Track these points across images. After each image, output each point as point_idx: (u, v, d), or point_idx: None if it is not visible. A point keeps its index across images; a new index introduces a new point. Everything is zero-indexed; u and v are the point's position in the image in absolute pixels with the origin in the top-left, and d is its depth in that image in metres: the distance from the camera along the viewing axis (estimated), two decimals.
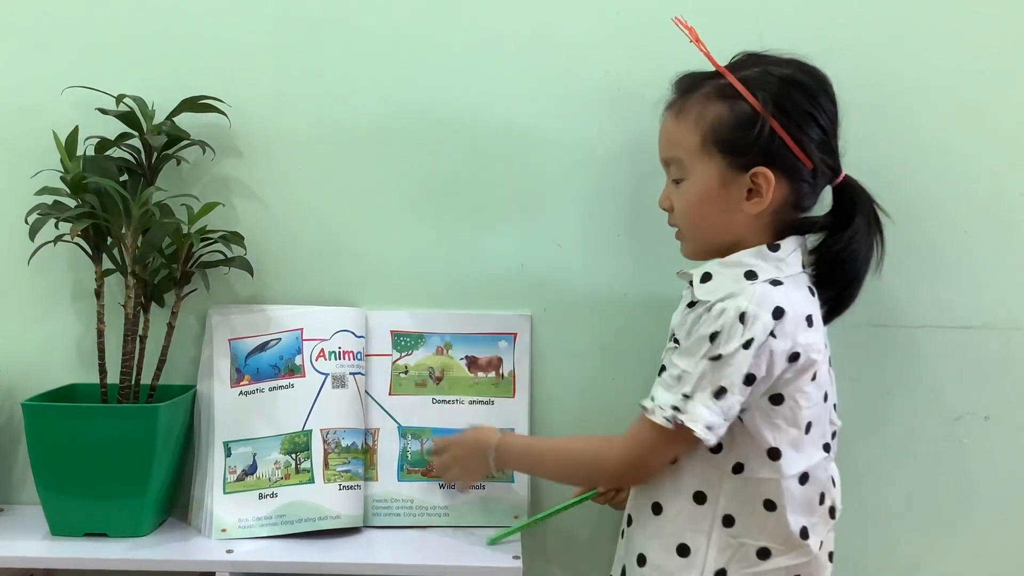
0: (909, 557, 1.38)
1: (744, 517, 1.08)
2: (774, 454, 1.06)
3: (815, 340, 1.07)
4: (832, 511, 1.13)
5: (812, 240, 1.16)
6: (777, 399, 1.06)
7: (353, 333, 1.36)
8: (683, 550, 1.09)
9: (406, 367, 1.37)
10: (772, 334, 1.03)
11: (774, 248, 1.10)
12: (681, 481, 1.10)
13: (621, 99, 1.35)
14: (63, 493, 1.24)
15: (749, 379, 1.03)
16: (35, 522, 1.27)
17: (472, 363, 1.37)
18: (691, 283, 1.13)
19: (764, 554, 1.08)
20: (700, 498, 1.09)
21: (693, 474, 1.09)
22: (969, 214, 1.35)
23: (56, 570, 1.34)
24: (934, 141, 1.34)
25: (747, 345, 1.03)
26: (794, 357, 1.05)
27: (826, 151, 1.11)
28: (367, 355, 1.37)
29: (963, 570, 1.38)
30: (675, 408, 1.05)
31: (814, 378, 1.07)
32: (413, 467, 1.35)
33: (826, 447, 1.11)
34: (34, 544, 1.24)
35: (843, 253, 1.12)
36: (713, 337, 1.04)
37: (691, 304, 1.12)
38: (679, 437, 1.05)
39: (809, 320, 1.07)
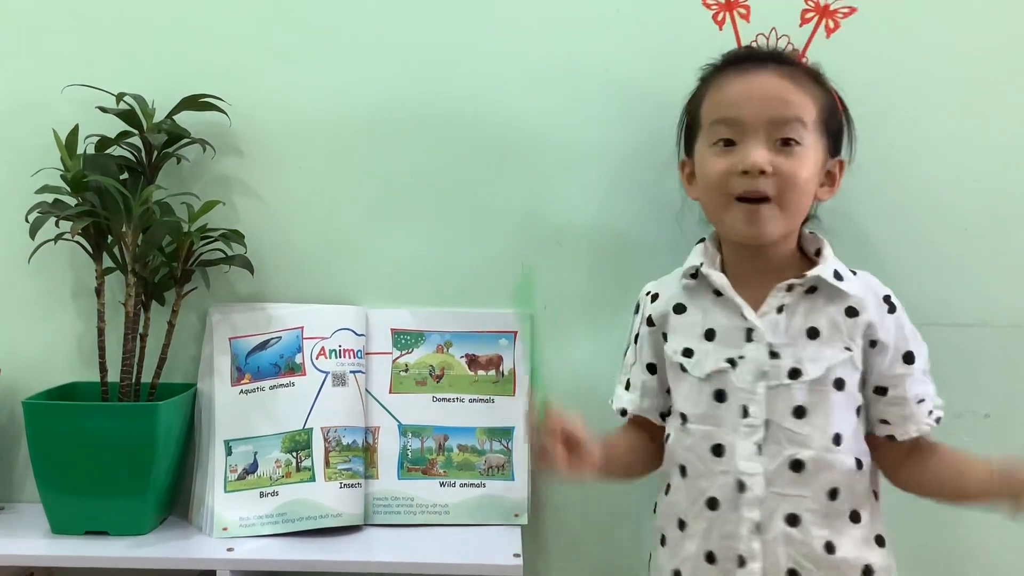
0: (908, 555, 1.38)
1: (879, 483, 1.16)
2: None
3: None
4: None
5: None
6: None
7: (353, 331, 1.36)
8: (880, 540, 1.13)
9: (406, 365, 1.37)
10: None
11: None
12: (867, 482, 1.12)
13: (622, 98, 1.35)
14: (64, 491, 1.25)
15: None
16: (36, 520, 1.28)
17: (472, 361, 1.37)
18: (789, 288, 1.09)
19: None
20: (874, 488, 1.14)
21: (871, 471, 1.13)
22: (969, 212, 1.35)
23: (57, 568, 1.34)
24: (934, 140, 1.34)
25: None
26: None
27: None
28: (367, 353, 1.37)
29: (964, 568, 1.38)
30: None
31: None
32: (413, 465, 1.35)
33: None
34: (35, 542, 1.24)
35: None
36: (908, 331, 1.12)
37: (781, 310, 1.09)
38: None
39: None
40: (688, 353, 1.13)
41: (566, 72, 1.35)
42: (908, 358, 1.10)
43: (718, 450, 1.10)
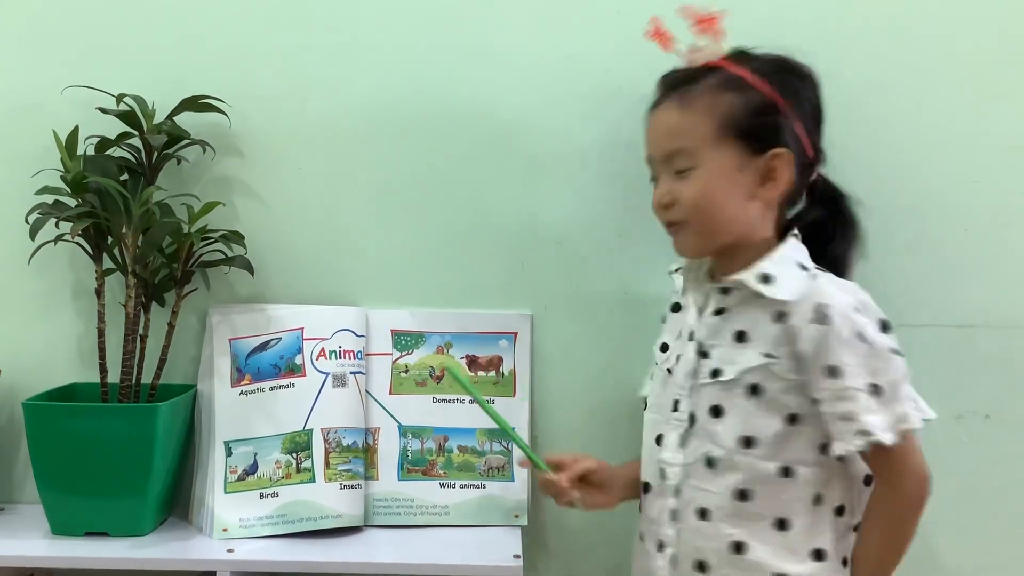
0: (909, 555, 1.38)
1: (851, 501, 1.11)
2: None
3: None
4: None
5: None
6: None
7: (353, 332, 1.36)
8: (819, 555, 1.08)
9: (406, 366, 1.37)
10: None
11: (796, 238, 1.13)
12: (803, 492, 1.09)
13: (622, 98, 1.34)
14: (64, 492, 1.25)
15: None
16: (36, 521, 1.28)
17: (472, 362, 1.37)
18: (724, 291, 1.12)
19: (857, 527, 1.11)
20: (818, 500, 1.09)
21: (808, 482, 1.08)
22: (969, 213, 1.35)
23: (57, 569, 1.34)
24: (934, 140, 1.34)
25: (884, 327, 1.06)
26: None
27: (819, 142, 1.14)
28: (367, 354, 1.37)
29: (964, 568, 1.38)
30: (908, 416, 1.04)
31: None
32: (413, 466, 1.35)
33: None
34: (35, 543, 1.24)
35: (825, 252, 1.14)
36: (861, 337, 1.03)
37: (718, 311, 1.12)
38: (916, 435, 1.06)
39: None
40: (664, 348, 1.20)
41: (567, 71, 1.35)
42: (833, 372, 1.03)
43: (659, 440, 1.16)
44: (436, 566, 1.20)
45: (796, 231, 1.13)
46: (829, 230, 1.15)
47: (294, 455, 1.31)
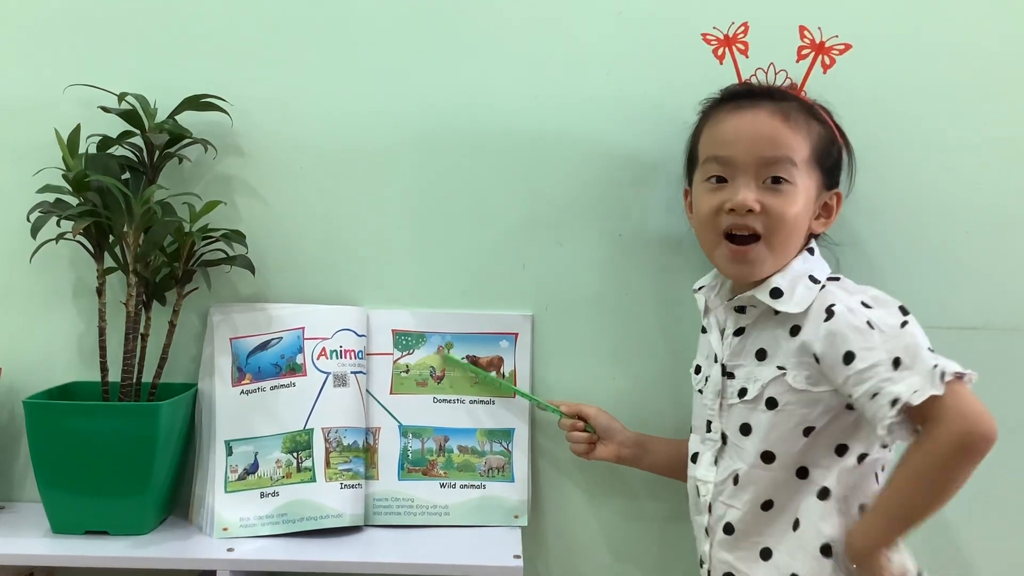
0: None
1: (858, 494, 1.09)
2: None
3: None
4: None
5: None
6: None
7: (354, 332, 1.36)
8: (826, 550, 1.08)
9: (407, 366, 1.37)
10: None
11: (811, 251, 1.14)
12: (813, 488, 1.09)
13: (623, 99, 1.35)
14: (64, 491, 1.25)
15: None
16: (36, 520, 1.28)
17: (473, 362, 1.37)
18: (739, 310, 1.13)
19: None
20: (823, 495, 1.09)
21: (816, 479, 1.09)
22: (970, 214, 1.35)
23: (57, 568, 1.34)
24: (935, 142, 1.34)
25: (904, 311, 1.06)
26: None
27: None
28: (368, 354, 1.37)
29: (964, 570, 1.38)
30: (935, 366, 0.99)
31: None
32: (414, 466, 1.35)
33: None
34: (35, 542, 1.24)
35: None
36: (871, 324, 1.03)
37: (738, 332, 1.14)
38: (959, 385, 1.00)
39: None
40: (698, 370, 1.22)
41: (568, 73, 1.35)
42: (848, 358, 1.02)
43: (695, 457, 1.19)
44: (436, 566, 1.20)
45: (812, 244, 1.15)
46: None
47: (295, 454, 1.31)
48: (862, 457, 1.09)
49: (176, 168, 1.35)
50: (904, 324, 1.04)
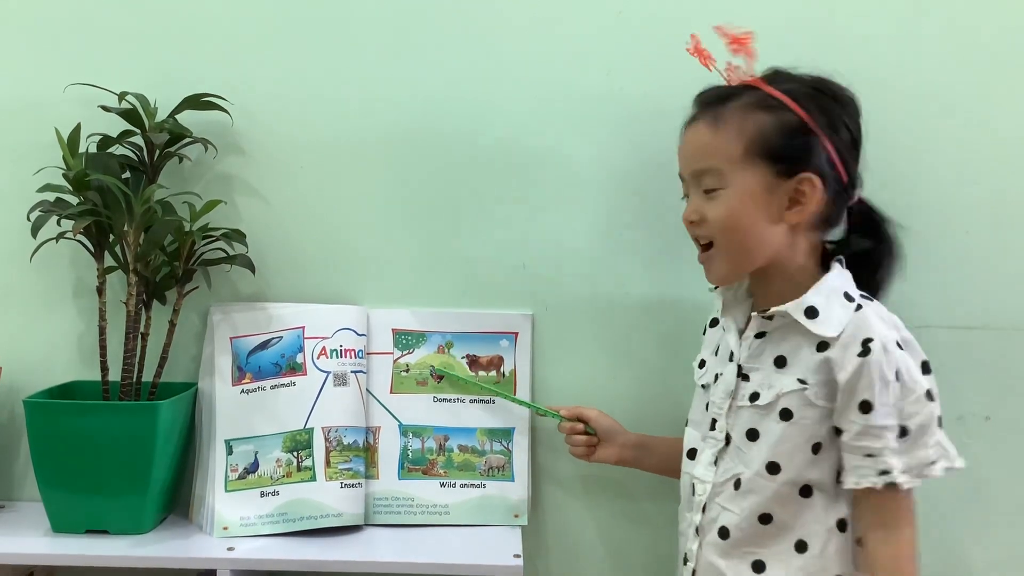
0: None
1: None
2: None
3: None
4: None
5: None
6: None
7: (355, 331, 1.36)
8: None
9: (407, 365, 1.37)
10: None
11: (842, 264, 1.12)
12: (823, 514, 1.08)
13: (623, 99, 1.35)
14: (64, 490, 1.25)
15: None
16: (36, 519, 1.28)
17: (473, 362, 1.38)
18: (767, 317, 1.11)
19: None
20: (842, 526, 1.08)
21: (828, 506, 1.08)
22: (970, 214, 1.35)
23: (57, 567, 1.34)
24: (934, 141, 1.34)
25: (926, 369, 1.05)
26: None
27: (855, 167, 1.13)
28: (368, 353, 1.37)
29: (965, 570, 1.38)
30: (931, 463, 1.03)
31: None
32: (414, 465, 1.35)
33: None
34: (35, 541, 1.24)
35: (871, 280, 1.14)
36: (899, 376, 1.03)
37: (759, 335, 1.12)
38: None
39: None
40: (702, 364, 1.21)
41: (568, 72, 1.35)
42: (865, 407, 1.03)
43: (692, 453, 1.18)
44: (436, 565, 1.20)
45: (841, 257, 1.12)
46: (874, 259, 1.14)
47: (295, 454, 1.31)
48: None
49: (176, 167, 1.35)
50: (928, 395, 1.04)
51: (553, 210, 1.37)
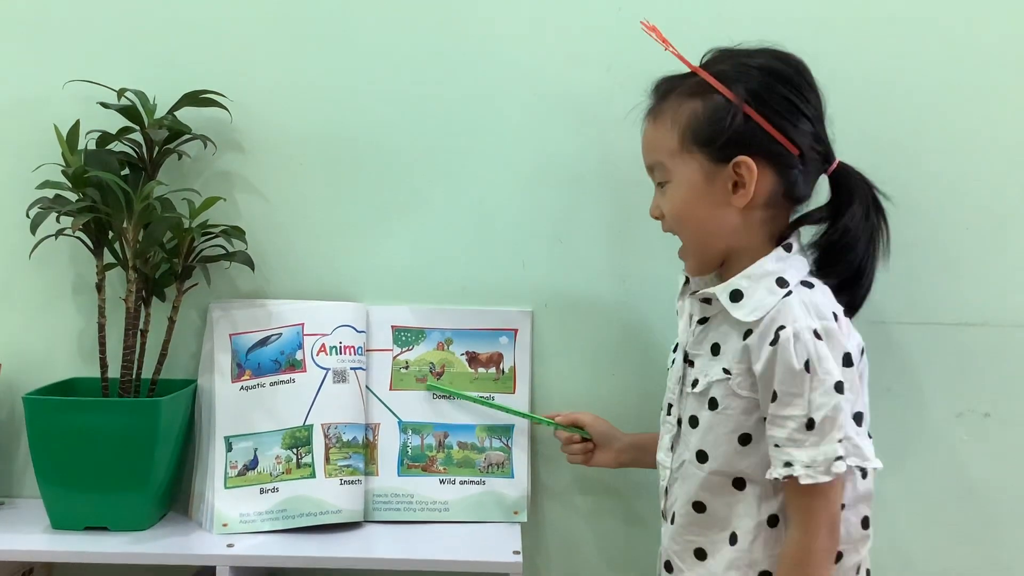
0: (910, 554, 1.38)
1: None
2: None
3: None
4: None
5: (813, 232, 1.12)
6: None
7: (354, 328, 1.36)
8: None
9: (407, 362, 1.37)
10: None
11: (788, 248, 1.07)
12: (755, 508, 1.06)
13: (624, 95, 1.34)
14: (64, 487, 1.25)
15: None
16: (36, 515, 1.28)
17: (473, 359, 1.38)
18: (706, 300, 1.09)
19: (838, 557, 1.05)
20: (773, 521, 1.05)
21: (758, 498, 1.06)
22: (970, 211, 1.35)
23: (57, 564, 1.34)
24: (935, 139, 1.34)
25: (847, 361, 1.02)
26: (862, 352, 1.07)
27: (814, 137, 1.07)
28: (368, 350, 1.37)
29: (964, 566, 1.38)
30: (838, 458, 0.98)
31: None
32: (413, 462, 1.36)
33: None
34: (35, 537, 1.24)
35: (839, 243, 1.08)
36: (809, 366, 0.99)
37: (702, 320, 1.11)
38: (842, 479, 1.01)
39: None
40: (675, 349, 1.19)
41: (568, 68, 1.35)
42: (775, 397, 1.00)
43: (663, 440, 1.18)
44: (436, 562, 1.20)
45: (791, 240, 1.08)
46: (851, 228, 1.08)
47: (294, 450, 1.31)
48: None
49: (175, 164, 1.35)
50: (838, 387, 0.99)
51: (553, 207, 1.37)
